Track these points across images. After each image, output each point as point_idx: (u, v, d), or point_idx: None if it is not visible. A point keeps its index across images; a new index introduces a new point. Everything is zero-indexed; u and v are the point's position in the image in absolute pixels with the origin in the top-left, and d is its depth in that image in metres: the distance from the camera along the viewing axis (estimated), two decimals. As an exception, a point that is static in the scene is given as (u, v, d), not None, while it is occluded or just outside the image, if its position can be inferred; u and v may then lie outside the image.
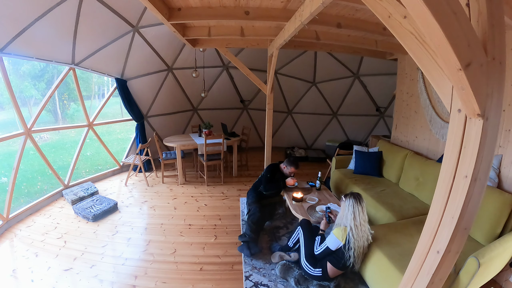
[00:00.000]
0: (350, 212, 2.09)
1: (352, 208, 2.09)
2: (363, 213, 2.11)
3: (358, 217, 2.08)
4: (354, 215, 2.08)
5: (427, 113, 3.63)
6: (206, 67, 5.41)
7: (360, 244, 2.10)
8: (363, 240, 2.11)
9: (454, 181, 1.01)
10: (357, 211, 2.08)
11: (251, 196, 3.33)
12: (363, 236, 2.10)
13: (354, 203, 2.10)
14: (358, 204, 2.10)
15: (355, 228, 2.07)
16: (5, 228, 3.21)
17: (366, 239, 2.14)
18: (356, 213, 2.08)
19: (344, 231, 2.10)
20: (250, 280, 2.42)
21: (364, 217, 2.12)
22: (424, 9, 0.75)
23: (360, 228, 2.08)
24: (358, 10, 2.47)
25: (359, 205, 2.10)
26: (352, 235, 2.07)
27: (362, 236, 2.10)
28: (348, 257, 2.09)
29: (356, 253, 2.08)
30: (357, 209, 2.09)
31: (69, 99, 12.44)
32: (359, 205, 2.10)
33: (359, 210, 2.09)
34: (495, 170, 2.50)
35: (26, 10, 2.81)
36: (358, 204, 2.10)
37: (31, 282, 2.38)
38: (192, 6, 2.52)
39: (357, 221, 2.07)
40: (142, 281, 2.43)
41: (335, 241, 2.14)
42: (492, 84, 0.89)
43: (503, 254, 1.84)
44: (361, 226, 2.08)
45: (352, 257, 2.08)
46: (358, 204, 2.10)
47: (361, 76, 5.91)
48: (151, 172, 5.17)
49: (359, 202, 2.11)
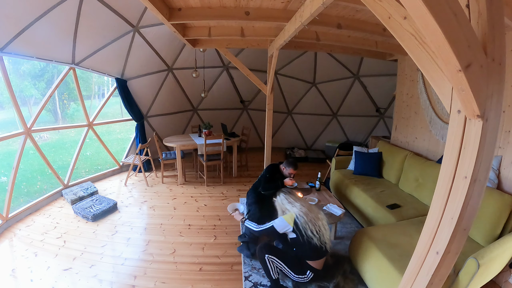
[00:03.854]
0: (287, 202, 2.30)
1: (286, 199, 2.31)
2: (297, 198, 2.33)
3: (295, 202, 2.27)
4: (291, 202, 2.28)
5: (427, 114, 3.63)
6: (206, 67, 5.41)
7: (313, 222, 2.15)
8: (312, 216, 2.17)
9: (454, 182, 1.01)
10: (290, 198, 2.31)
11: (251, 196, 3.32)
12: (312, 215, 2.19)
13: (284, 194, 2.35)
14: (288, 193, 2.36)
15: (299, 210, 2.20)
16: (4, 228, 3.21)
17: (316, 217, 2.19)
18: (291, 200, 2.30)
19: (291, 217, 2.19)
20: (249, 281, 2.42)
21: (302, 201, 2.31)
22: (424, 10, 0.75)
23: (305, 209, 2.21)
24: (358, 11, 2.48)
25: (289, 193, 2.36)
26: (299, 217, 2.16)
27: (313, 217, 2.17)
28: (307, 238, 2.11)
29: (314, 232, 2.12)
30: (289, 195, 2.34)
31: (69, 98, 12.45)
32: (289, 193, 2.36)
33: (291, 198, 2.32)
34: (495, 171, 2.50)
35: (26, 9, 2.81)
36: (288, 193, 2.36)
37: (31, 281, 2.38)
38: (192, 6, 2.52)
39: (296, 205, 2.25)
40: (141, 281, 2.43)
41: (282, 222, 2.20)
42: (492, 85, 0.89)
43: (502, 255, 1.85)
44: (303, 208, 2.22)
45: (314, 237, 2.11)
46: (288, 193, 2.36)
47: (361, 77, 5.92)
48: (151, 172, 5.17)
49: (288, 192, 2.38)
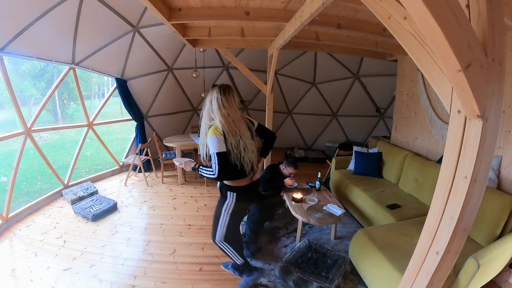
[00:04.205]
0: (214, 103, 1.90)
1: (215, 99, 1.90)
2: (228, 103, 1.90)
3: (223, 108, 1.89)
4: (218, 105, 1.88)
5: (427, 114, 3.63)
6: (206, 68, 5.41)
7: (238, 138, 1.87)
8: (236, 129, 1.89)
9: (454, 182, 1.01)
10: (221, 100, 1.89)
11: (250, 196, 3.31)
12: (237, 129, 1.89)
13: (217, 93, 1.91)
14: (222, 94, 1.90)
15: (225, 119, 1.87)
16: (4, 228, 3.20)
17: (242, 135, 1.90)
18: (220, 103, 1.89)
19: (216, 128, 1.85)
20: (249, 281, 2.42)
21: (232, 109, 1.91)
22: (424, 10, 0.75)
23: (230, 118, 1.88)
24: (358, 11, 2.48)
25: (222, 94, 1.90)
26: (223, 126, 1.85)
27: (237, 130, 1.89)
28: (236, 154, 1.86)
29: (240, 148, 1.88)
30: (220, 98, 1.89)
31: (69, 98, 12.45)
32: (223, 95, 1.90)
33: (223, 100, 1.89)
34: (495, 171, 2.50)
35: (26, 9, 2.81)
36: (222, 94, 1.90)
37: (30, 281, 2.38)
38: (192, 7, 2.52)
39: (223, 111, 1.88)
40: (141, 281, 2.42)
41: (212, 138, 1.82)
42: (492, 85, 0.89)
43: (502, 255, 1.84)
44: (230, 117, 1.89)
45: (243, 152, 1.87)
46: (221, 93, 1.91)
47: (361, 77, 5.91)
48: (151, 172, 5.17)
49: (222, 92, 1.91)
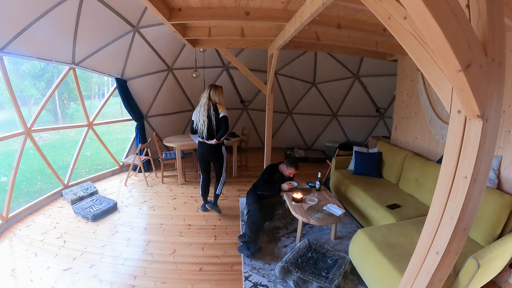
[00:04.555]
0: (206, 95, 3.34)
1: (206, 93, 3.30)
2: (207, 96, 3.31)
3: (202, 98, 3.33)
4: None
5: (427, 114, 3.63)
6: (206, 68, 5.41)
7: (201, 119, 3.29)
8: (202, 116, 3.28)
9: (454, 182, 1.01)
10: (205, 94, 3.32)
11: (250, 196, 3.33)
12: (202, 114, 3.29)
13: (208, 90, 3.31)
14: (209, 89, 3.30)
15: (199, 107, 3.34)
16: (4, 228, 3.20)
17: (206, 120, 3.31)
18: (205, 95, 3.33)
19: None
20: (249, 281, 2.42)
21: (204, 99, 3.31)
22: (424, 10, 0.75)
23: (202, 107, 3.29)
24: (358, 11, 2.48)
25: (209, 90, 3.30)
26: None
27: (203, 114, 3.29)
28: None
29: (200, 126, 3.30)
30: (206, 92, 3.30)
31: (69, 98, 12.45)
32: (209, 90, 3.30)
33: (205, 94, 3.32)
34: (495, 171, 2.50)
35: (26, 9, 2.81)
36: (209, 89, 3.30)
37: (30, 281, 2.38)
38: (192, 7, 2.52)
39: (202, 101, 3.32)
40: (141, 281, 2.42)
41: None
42: (492, 85, 0.89)
43: (502, 255, 1.85)
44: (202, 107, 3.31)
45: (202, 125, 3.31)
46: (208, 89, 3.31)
47: (361, 77, 5.92)
48: (151, 172, 5.17)
49: (210, 88, 3.32)
